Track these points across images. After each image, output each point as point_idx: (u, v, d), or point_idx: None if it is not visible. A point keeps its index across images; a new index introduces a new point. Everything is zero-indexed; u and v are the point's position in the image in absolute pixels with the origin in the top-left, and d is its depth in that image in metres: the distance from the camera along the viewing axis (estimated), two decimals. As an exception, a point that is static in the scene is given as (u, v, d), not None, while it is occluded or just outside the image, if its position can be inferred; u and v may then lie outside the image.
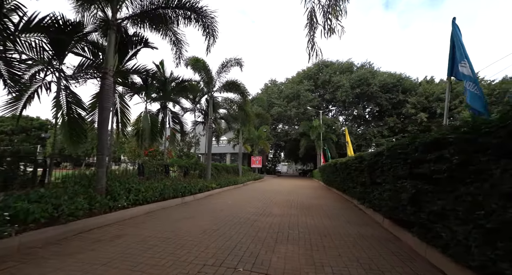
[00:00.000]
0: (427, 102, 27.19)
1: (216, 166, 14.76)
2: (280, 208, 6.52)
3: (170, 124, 10.91)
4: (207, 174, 11.69)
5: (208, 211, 5.86)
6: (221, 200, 7.83)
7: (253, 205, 6.94)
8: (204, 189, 8.91)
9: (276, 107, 30.98)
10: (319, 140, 25.89)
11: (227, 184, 12.00)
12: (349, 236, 3.84)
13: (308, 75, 36.30)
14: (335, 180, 9.49)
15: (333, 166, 8.81)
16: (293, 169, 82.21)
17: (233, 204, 7.11)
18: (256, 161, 24.71)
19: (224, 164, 16.71)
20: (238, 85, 11.73)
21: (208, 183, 9.81)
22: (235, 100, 13.29)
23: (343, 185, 7.89)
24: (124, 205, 4.67)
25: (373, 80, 29.58)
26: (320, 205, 7.08)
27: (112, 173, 6.36)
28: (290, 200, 8.19)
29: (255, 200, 8.13)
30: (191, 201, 7.40)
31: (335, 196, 9.55)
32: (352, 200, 7.51)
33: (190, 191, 7.69)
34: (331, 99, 33.06)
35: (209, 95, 12.61)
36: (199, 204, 6.83)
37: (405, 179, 2.72)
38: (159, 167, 9.18)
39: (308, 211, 6.10)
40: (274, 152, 50.67)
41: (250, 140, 25.88)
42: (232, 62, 12.01)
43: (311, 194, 10.28)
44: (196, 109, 15.41)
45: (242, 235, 3.81)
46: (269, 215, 5.51)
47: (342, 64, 36.17)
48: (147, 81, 8.85)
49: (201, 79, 12.42)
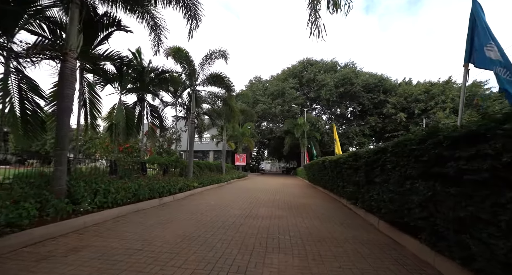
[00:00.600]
0: (406, 103, 28.24)
1: (199, 163, 14.07)
2: (268, 209, 6.11)
3: (148, 118, 10.06)
4: (189, 172, 11.01)
5: (189, 213, 5.29)
6: (204, 201, 7.26)
7: (238, 206, 6.47)
8: (185, 189, 8.28)
9: (260, 104, 30.58)
10: (304, 138, 25.93)
11: (210, 183, 11.40)
12: (346, 241, 3.49)
13: (293, 73, 36.26)
14: (322, 178, 9.29)
15: (321, 164, 8.57)
16: (276, 167, 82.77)
17: (217, 204, 6.59)
18: (240, 158, 24.21)
19: (207, 162, 16.03)
20: (222, 78, 11.12)
21: (189, 182, 9.17)
22: (220, 94, 12.67)
23: (331, 184, 7.66)
24: (88, 209, 3.98)
25: (356, 80, 30.14)
26: (308, 205, 6.77)
27: (77, 171, 5.56)
28: (277, 200, 7.82)
29: (240, 200, 7.66)
30: (170, 202, 6.76)
31: (322, 195, 9.35)
32: (340, 199, 7.30)
33: (169, 191, 7.04)
34: (316, 97, 33.28)
35: (192, 89, 11.86)
36: (179, 206, 6.22)
37: (415, 179, 2.40)
38: (135, 164, 8.39)
39: (297, 212, 5.75)
40: (257, 149, 50.47)
41: (234, 137, 25.29)
42: (216, 54, 11.35)
43: (298, 193, 10.01)
44: (178, 103, 14.56)
45: (227, 243, 3.32)
46: (256, 217, 5.07)
47: (327, 63, 36.55)
48: (122, 69, 7.98)
49: (183, 71, 11.63)
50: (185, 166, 11.48)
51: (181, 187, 8.05)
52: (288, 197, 8.66)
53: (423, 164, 2.24)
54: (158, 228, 3.98)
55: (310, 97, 33.98)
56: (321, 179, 9.47)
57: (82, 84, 6.74)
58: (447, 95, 26.43)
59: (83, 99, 6.86)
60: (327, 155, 32.39)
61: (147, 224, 4.18)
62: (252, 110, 19.27)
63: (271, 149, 44.65)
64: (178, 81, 11.44)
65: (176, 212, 5.42)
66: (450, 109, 25.57)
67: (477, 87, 27.34)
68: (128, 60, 7.70)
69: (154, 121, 9.94)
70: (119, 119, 7.71)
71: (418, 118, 27.47)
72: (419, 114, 27.08)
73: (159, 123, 9.81)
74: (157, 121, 9.85)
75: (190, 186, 8.84)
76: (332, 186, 7.65)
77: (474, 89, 26.98)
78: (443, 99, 25.99)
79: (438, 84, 28.93)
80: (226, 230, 3.99)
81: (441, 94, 26.89)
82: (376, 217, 4.14)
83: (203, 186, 10.33)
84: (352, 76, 30.77)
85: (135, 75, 8.50)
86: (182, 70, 11.58)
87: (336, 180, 6.66)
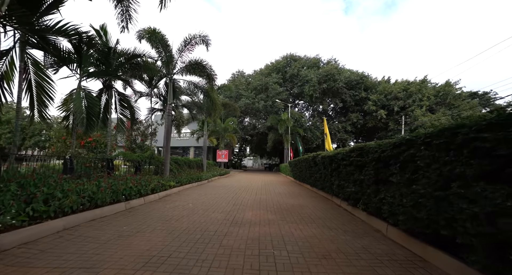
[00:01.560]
0: (386, 100, 28.91)
1: (177, 160, 12.94)
2: (255, 212, 5.34)
3: (118, 108, 8.76)
4: (165, 170, 9.90)
5: (161, 220, 4.36)
6: (181, 203, 6.31)
7: (220, 209, 5.62)
8: (159, 189, 7.24)
9: (243, 98, 29.63)
10: (287, 134, 25.52)
11: (189, 181, 10.39)
12: (357, 256, 2.82)
13: (276, 68, 35.69)
14: (311, 176, 8.72)
15: (310, 161, 7.98)
16: (258, 164, 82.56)
17: (195, 207, 5.69)
18: (222, 155, 23.20)
19: (187, 158, 14.89)
20: (203, 66, 10.07)
21: (165, 181, 8.12)
22: (200, 85, 11.57)
23: (322, 182, 7.07)
24: (13, 223, 2.90)
25: (339, 76, 30.27)
26: (300, 206, 6.10)
27: (9, 172, 4.34)
28: (264, 200, 7.08)
29: (222, 201, 6.81)
30: (140, 205, 5.73)
31: (311, 194, 8.79)
32: (333, 199, 6.74)
33: (139, 193, 5.99)
34: (299, 93, 33.03)
35: (169, 78, 10.66)
36: (150, 210, 5.23)
37: (473, 181, 1.75)
38: (98, 162, 7.17)
39: (289, 216, 5.04)
40: (240, 146, 49.60)
41: (216, 133, 24.17)
42: (196, 39, 10.26)
43: (285, 192, 9.38)
44: (154, 94, 13.20)
45: (207, 266, 2.49)
46: (242, 224, 4.27)
47: (310, 59, 36.42)
48: (81, 49, 6.66)
49: (158, 57, 10.39)
50: (161, 163, 10.34)
51: (155, 188, 7.01)
52: (275, 196, 7.96)
53: (490, 160, 1.60)
54: (115, 244, 3.03)
55: (294, 93, 33.68)
56: (310, 176, 8.90)
57: (25, 61, 5.40)
58: (424, 93, 27.42)
59: (27, 81, 5.53)
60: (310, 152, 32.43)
61: (101, 239, 3.21)
62: (235, 104, 18.28)
63: (253, 145, 44.01)
64: (153, 68, 10.16)
65: (145, 219, 4.45)
66: (427, 107, 26.56)
67: (449, 87, 28.70)
68: (89, 38, 6.39)
69: (124, 112, 8.67)
70: (77, 108, 6.42)
71: (397, 115, 28.27)
72: (398, 112, 27.85)
73: (130, 114, 8.56)
74: (127, 112, 8.58)
75: (165, 186, 7.80)
76: (324, 184, 7.07)
77: (446, 89, 28.30)
78: (420, 97, 26.92)
79: (415, 82, 29.97)
80: (206, 244, 3.15)
81: (418, 92, 27.84)
82: (385, 222, 3.53)
83: (181, 185, 9.31)
84: (335, 72, 30.86)
85: (100, 57, 7.20)
86: (157, 56, 10.35)
87: (330, 178, 6.06)
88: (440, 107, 27.99)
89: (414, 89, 28.36)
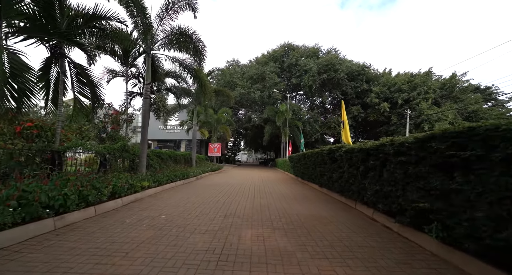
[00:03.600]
0: (389, 93, 27.37)
1: (160, 154, 10.99)
2: (256, 232, 3.54)
3: (74, 85, 6.71)
4: (141, 166, 7.98)
5: (95, 257, 2.51)
6: (150, 213, 4.46)
7: (205, 225, 3.81)
8: (124, 192, 5.36)
9: (238, 88, 27.54)
10: (286, 127, 23.75)
11: (171, 180, 8.51)
12: None
13: (273, 57, 33.62)
14: (322, 175, 6.98)
15: (325, 156, 6.22)
16: (253, 158, 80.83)
17: (168, 223, 3.86)
18: (215, 148, 21.26)
19: (172, 152, 12.94)
20: (189, 37, 8.07)
21: (135, 180, 6.22)
22: (186, 63, 9.53)
23: (344, 184, 5.32)
24: None
25: (340, 66, 28.50)
26: (318, 220, 4.34)
27: None
28: (266, 207, 5.29)
29: (210, 209, 4.98)
30: (84, 220, 3.86)
31: (322, 197, 7.07)
32: (357, 207, 5.01)
33: (85, 201, 4.09)
34: (297, 84, 31.16)
35: (147, 52, 8.60)
36: (93, 231, 3.37)
37: None
38: (36, 154, 5.21)
39: (309, 240, 3.26)
40: (234, 140, 47.72)
41: (208, 125, 22.17)
42: (181, 3, 8.19)
43: (289, 193, 7.62)
44: (131, 74, 11.09)
45: None
46: (238, 263, 2.47)
47: (309, 49, 34.44)
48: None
49: (134, 27, 8.30)
50: (138, 157, 8.40)
51: (117, 190, 5.12)
52: (279, 201, 6.19)
53: None
54: None
55: (292, 83, 31.78)
56: (321, 175, 7.16)
57: None
58: (429, 85, 25.98)
59: None
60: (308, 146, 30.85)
61: None
62: (228, 91, 16.27)
63: (248, 139, 42.18)
64: (125, 38, 8.06)
65: (67, 253, 2.58)
66: (432, 100, 25.16)
67: (455, 78, 27.37)
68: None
69: (83, 91, 6.62)
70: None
71: (400, 108, 26.82)
72: (402, 105, 26.38)
73: (90, 93, 6.54)
74: (87, 90, 6.56)
75: (135, 187, 5.91)
76: (345, 187, 5.32)
77: (453, 81, 26.96)
78: (426, 89, 25.46)
79: (419, 75, 28.51)
80: None
81: (423, 84, 26.37)
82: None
83: (159, 185, 7.44)
84: (336, 62, 29.07)
85: (36, 8, 5.12)
86: (133, 25, 8.25)
87: (362, 180, 4.30)
88: (445, 100, 26.67)
89: (418, 81, 26.88)
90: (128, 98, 10.52)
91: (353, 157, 4.52)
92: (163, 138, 34.29)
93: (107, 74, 10.48)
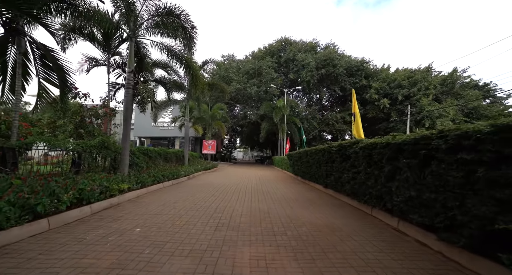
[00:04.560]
0: (388, 88, 26.71)
1: (147, 151, 10.01)
2: (256, 252, 2.66)
3: (39, 70, 5.69)
4: (122, 165, 7.03)
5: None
6: (121, 226, 3.55)
7: (189, 241, 2.93)
8: (95, 198, 4.42)
9: (234, 83, 26.50)
10: (283, 123, 22.89)
11: (158, 180, 7.59)
12: None
13: (270, 52, 32.59)
14: (329, 175, 6.16)
15: (334, 153, 5.38)
16: (249, 156, 79.93)
17: (143, 239, 2.96)
18: (209, 146, 20.28)
19: (163, 149, 11.96)
20: (177, 16, 7.07)
21: (112, 182, 5.29)
22: (176, 50, 8.53)
23: (358, 186, 4.49)
24: None
25: (339, 61, 27.69)
26: (331, 231, 3.49)
27: None
28: (266, 215, 4.43)
29: (198, 217, 4.09)
30: (30, 238, 2.93)
31: (330, 200, 6.25)
32: (373, 213, 4.19)
33: (32, 212, 3.14)
34: (295, 79, 30.27)
35: (130, 36, 7.59)
36: (35, 254, 2.45)
37: None
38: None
39: (329, 264, 2.40)
40: (230, 137, 46.75)
41: (202, 121, 21.16)
42: (168, -21, 7.18)
43: (290, 195, 6.78)
44: (115, 64, 10.04)
45: None
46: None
47: (306, 44, 33.49)
48: None
49: (115, 7, 7.28)
50: (119, 155, 7.44)
51: (84, 197, 4.19)
52: (280, 205, 5.34)
53: None
54: None
55: (289, 78, 30.87)
56: (328, 175, 6.33)
57: None
58: (429, 81, 25.39)
59: None
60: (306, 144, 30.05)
61: None
62: (223, 84, 15.25)
63: (245, 136, 41.25)
64: (105, 20, 7.03)
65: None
66: (433, 96, 24.59)
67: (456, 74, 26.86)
68: None
69: (49, 76, 5.60)
70: None
71: (400, 104, 26.19)
72: (402, 101, 25.75)
73: (59, 80, 5.52)
74: (54, 76, 5.55)
75: (111, 191, 4.98)
76: (359, 190, 4.49)
77: (454, 76, 26.44)
78: (426, 85, 24.85)
79: (419, 70, 27.91)
80: None
81: (423, 80, 25.76)
82: None
83: (144, 187, 6.51)
84: (335, 57, 28.24)
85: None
86: (113, 4, 7.23)
87: (386, 182, 3.46)
88: (446, 96, 26.14)
89: (419, 77, 26.24)
90: (111, 91, 9.45)
91: (374, 154, 3.68)
92: (156, 135, 33.12)
93: (87, 63, 9.40)
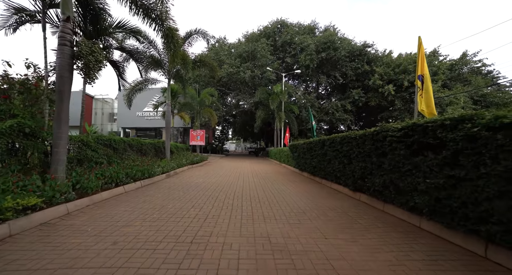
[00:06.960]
0: (393, 74, 24.69)
1: (111, 141, 7.63)
2: None
3: None
4: (54, 162, 4.65)
5: None
6: None
7: None
8: None
9: (226, 66, 23.81)
10: (281, 111, 20.64)
11: (118, 182, 5.27)
12: None
13: (266, 34, 29.78)
14: (369, 173, 4.05)
15: (388, 142, 3.24)
16: (241, 148, 77.70)
17: None
18: (197, 136, 17.81)
19: (136, 139, 9.55)
20: None
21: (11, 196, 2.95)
22: (144, 1, 5.98)
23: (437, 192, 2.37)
24: None
25: (340, 45, 25.34)
26: None
27: None
28: (278, 253, 2.23)
29: (154, 271, 1.86)
30: None
31: (370, 212, 4.16)
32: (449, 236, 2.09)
33: None
34: (293, 63, 27.81)
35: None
36: None
37: None
38: None
39: None
40: (222, 128, 44.25)
41: (189, 107, 18.60)
42: None
43: (308, 202, 4.62)
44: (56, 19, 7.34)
45: None
46: None
47: (304, 26, 30.81)
48: None
49: None
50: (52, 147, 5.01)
51: None
52: (303, 229, 3.18)
53: None
54: None
55: (286, 63, 28.35)
56: (364, 175, 4.22)
57: None
58: (438, 66, 23.52)
59: None
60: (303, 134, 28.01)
61: None
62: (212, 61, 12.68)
63: (238, 126, 38.87)
64: None
65: None
66: (442, 82, 22.79)
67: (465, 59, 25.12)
68: None
69: None
70: None
71: (405, 91, 24.31)
72: (407, 87, 23.84)
73: None
74: None
75: (6, 209, 2.66)
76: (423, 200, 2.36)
77: (463, 61, 24.69)
78: (435, 70, 22.96)
79: (426, 55, 25.98)
80: None
81: (430, 64, 23.84)
82: None
83: (85, 196, 4.19)
84: (336, 39, 25.85)
85: None
86: None
87: None
88: (455, 82, 24.42)
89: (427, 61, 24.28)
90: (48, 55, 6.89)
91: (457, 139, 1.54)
92: (142, 126, 30.31)
93: (13, 16, 6.75)
